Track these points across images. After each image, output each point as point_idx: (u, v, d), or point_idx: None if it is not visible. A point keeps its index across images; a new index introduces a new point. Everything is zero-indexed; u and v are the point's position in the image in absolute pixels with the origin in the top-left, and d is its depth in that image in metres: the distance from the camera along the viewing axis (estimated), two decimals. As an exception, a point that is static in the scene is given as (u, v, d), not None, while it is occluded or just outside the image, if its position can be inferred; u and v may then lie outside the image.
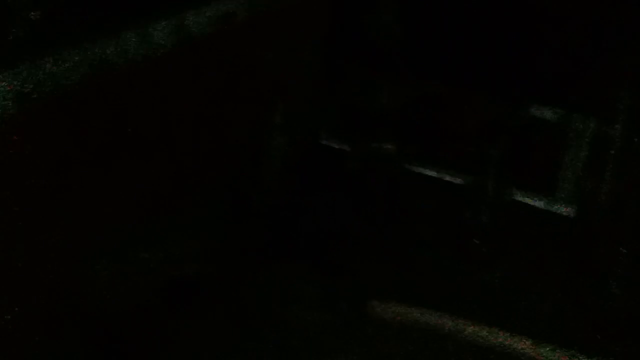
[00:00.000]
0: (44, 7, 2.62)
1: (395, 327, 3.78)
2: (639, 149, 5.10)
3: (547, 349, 3.67)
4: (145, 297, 3.57)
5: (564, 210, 5.10)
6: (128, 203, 3.37)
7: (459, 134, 5.54)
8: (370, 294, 4.03)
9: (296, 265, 4.17)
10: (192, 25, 3.61)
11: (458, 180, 5.30)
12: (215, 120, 4.19)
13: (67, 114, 2.81)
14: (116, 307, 3.34)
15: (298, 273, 4.13)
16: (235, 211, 4.49)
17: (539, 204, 5.30)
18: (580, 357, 3.57)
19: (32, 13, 2.55)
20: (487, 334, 3.74)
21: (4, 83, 2.40)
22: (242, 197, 4.58)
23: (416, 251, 4.52)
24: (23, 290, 2.74)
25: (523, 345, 3.67)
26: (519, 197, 5.25)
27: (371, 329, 3.77)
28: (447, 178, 5.40)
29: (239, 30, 4.19)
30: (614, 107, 5.44)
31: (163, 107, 3.57)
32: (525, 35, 5.69)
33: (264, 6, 4.47)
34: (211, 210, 4.24)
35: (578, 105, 5.58)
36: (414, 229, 4.79)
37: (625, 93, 5.28)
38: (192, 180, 4.01)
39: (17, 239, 2.66)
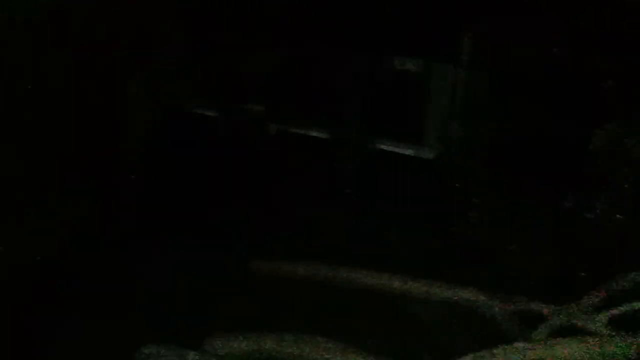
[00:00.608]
0: None
1: (273, 281, 3.83)
2: (500, 93, 5.42)
3: (419, 284, 3.88)
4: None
5: (430, 155, 5.35)
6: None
7: (325, 89, 5.63)
8: (249, 251, 4.06)
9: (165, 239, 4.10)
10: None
11: (326, 135, 5.41)
12: (69, 95, 3.97)
13: None
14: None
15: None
16: (95, 192, 4.32)
17: (406, 151, 5.53)
18: (438, 286, 3.82)
19: None
20: (361, 276, 3.89)
21: None
22: (102, 178, 4.41)
23: (289, 208, 4.58)
24: None
25: (395, 285, 3.85)
26: (387, 146, 5.45)
27: (253, 283, 3.82)
28: (315, 134, 5.50)
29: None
30: (475, 55, 5.75)
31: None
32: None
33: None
34: (68, 193, 4.04)
35: (439, 55, 5.85)
36: (286, 186, 4.84)
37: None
38: (46, 162, 3.79)
39: None
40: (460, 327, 3.49)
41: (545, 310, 3.37)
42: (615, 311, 3.29)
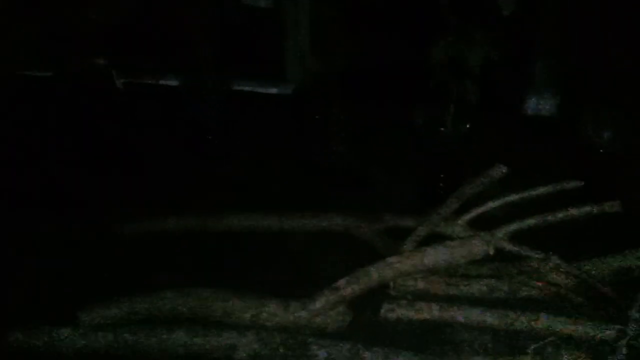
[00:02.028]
0: None
1: (143, 239, 3.72)
2: (348, 23, 5.44)
3: (291, 218, 3.94)
4: None
5: (289, 91, 5.34)
6: None
7: (175, 39, 5.37)
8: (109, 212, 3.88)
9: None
10: None
11: (179, 82, 5.20)
12: None
13: None
14: None
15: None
16: None
17: (267, 90, 5.48)
18: (310, 217, 3.90)
19: None
20: (234, 219, 3.87)
21: None
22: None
23: (146, 161, 4.41)
24: None
25: (267, 223, 3.88)
26: (244, 86, 5.37)
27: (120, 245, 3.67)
28: (169, 83, 5.26)
29: None
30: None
31: None
32: None
33: None
34: None
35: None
36: (141, 139, 4.64)
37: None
38: None
39: None
40: (336, 252, 3.61)
41: (411, 224, 3.55)
42: (472, 214, 3.55)
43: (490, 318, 3.00)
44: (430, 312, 3.06)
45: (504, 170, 3.23)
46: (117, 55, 5.34)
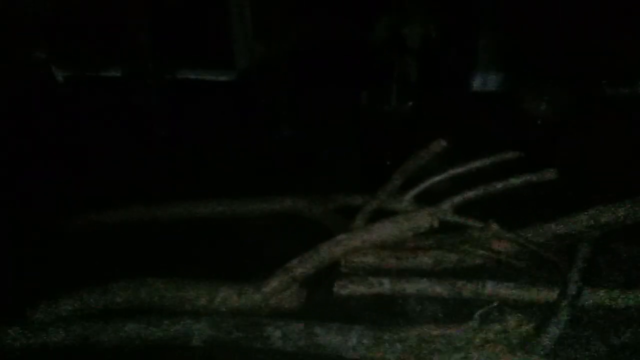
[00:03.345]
0: None
1: (94, 232, 3.66)
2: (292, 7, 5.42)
3: (241, 202, 3.94)
4: None
5: (234, 77, 5.29)
6: None
7: (116, 28, 5.25)
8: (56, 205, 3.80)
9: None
10: None
11: (119, 74, 5.10)
12: None
13: None
14: None
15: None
16: None
17: (212, 77, 5.43)
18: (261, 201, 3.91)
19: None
20: (185, 208, 3.85)
21: None
22: None
23: (92, 153, 4.33)
24: None
25: (219, 209, 3.87)
26: (192, 74, 5.30)
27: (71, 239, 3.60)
28: (111, 74, 5.15)
29: None
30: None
31: None
32: None
33: None
34: None
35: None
36: (76, 130, 4.54)
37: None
38: None
39: None
40: (288, 234, 3.64)
41: (361, 202, 3.61)
42: (418, 189, 3.63)
43: (439, 288, 3.10)
44: (381, 286, 3.14)
45: (443, 144, 3.31)
46: (55, 47, 5.19)
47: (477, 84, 5.21)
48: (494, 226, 3.10)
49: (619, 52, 4.77)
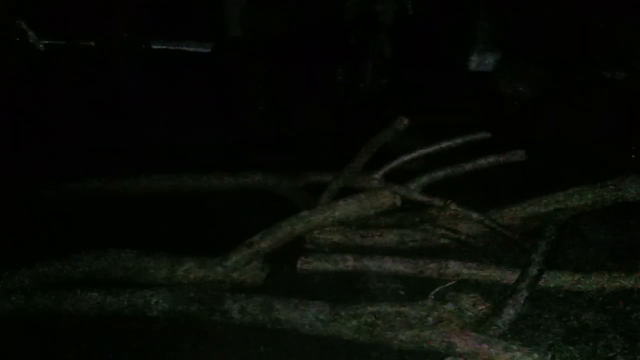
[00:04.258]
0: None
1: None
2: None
3: (210, 177, 3.91)
4: None
5: (209, 50, 5.24)
6: None
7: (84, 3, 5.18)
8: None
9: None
10: None
11: (96, 42, 5.04)
12: None
13: None
14: None
15: None
16: None
17: (191, 48, 5.39)
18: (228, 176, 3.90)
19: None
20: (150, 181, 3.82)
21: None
22: None
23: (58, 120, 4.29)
24: None
25: (188, 183, 3.83)
26: (169, 45, 5.26)
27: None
28: (88, 43, 5.09)
29: None
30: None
31: None
32: None
33: None
34: None
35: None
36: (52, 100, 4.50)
37: None
38: None
39: None
40: (257, 210, 3.63)
41: (330, 179, 3.59)
42: (387, 167, 3.61)
43: (401, 266, 3.10)
44: (345, 263, 3.14)
45: (405, 122, 3.29)
46: (35, 16, 5.13)
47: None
48: (453, 206, 3.09)
49: (610, 33, 4.71)
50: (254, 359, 2.70)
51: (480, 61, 5.05)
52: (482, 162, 3.48)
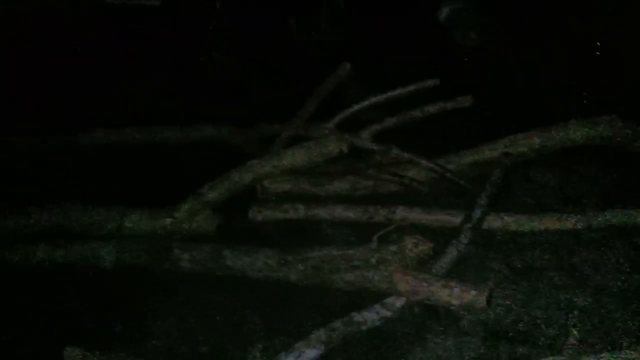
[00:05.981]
0: None
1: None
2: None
3: (166, 130, 3.86)
4: None
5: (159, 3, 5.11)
6: None
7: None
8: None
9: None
10: None
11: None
12: None
13: None
14: None
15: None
16: None
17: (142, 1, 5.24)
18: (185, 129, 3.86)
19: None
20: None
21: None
22: None
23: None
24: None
25: (139, 136, 3.79)
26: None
27: None
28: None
29: None
30: None
31: None
32: None
33: None
34: None
35: None
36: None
37: None
38: None
39: None
40: (209, 162, 3.63)
41: (278, 128, 3.60)
42: (339, 116, 3.62)
43: (351, 213, 3.15)
44: (296, 211, 3.18)
45: (348, 68, 3.29)
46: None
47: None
48: (395, 149, 3.12)
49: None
50: (206, 304, 2.75)
51: (435, 10, 5.02)
52: (431, 108, 3.50)
